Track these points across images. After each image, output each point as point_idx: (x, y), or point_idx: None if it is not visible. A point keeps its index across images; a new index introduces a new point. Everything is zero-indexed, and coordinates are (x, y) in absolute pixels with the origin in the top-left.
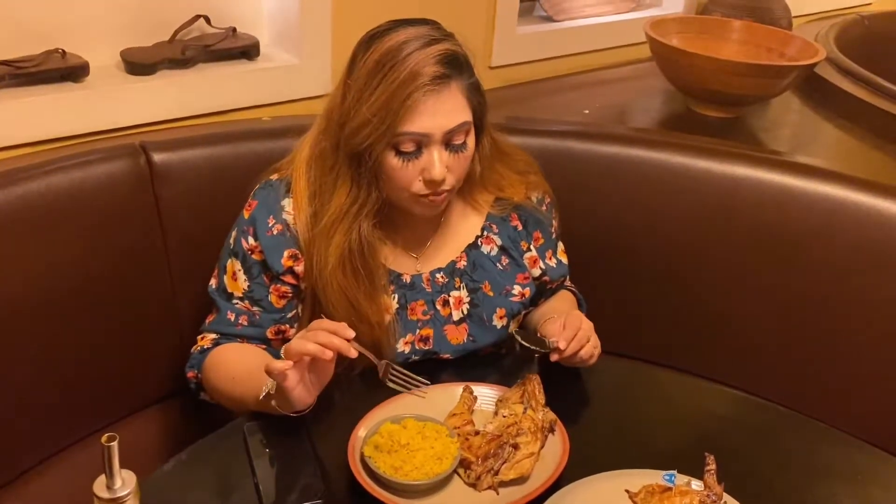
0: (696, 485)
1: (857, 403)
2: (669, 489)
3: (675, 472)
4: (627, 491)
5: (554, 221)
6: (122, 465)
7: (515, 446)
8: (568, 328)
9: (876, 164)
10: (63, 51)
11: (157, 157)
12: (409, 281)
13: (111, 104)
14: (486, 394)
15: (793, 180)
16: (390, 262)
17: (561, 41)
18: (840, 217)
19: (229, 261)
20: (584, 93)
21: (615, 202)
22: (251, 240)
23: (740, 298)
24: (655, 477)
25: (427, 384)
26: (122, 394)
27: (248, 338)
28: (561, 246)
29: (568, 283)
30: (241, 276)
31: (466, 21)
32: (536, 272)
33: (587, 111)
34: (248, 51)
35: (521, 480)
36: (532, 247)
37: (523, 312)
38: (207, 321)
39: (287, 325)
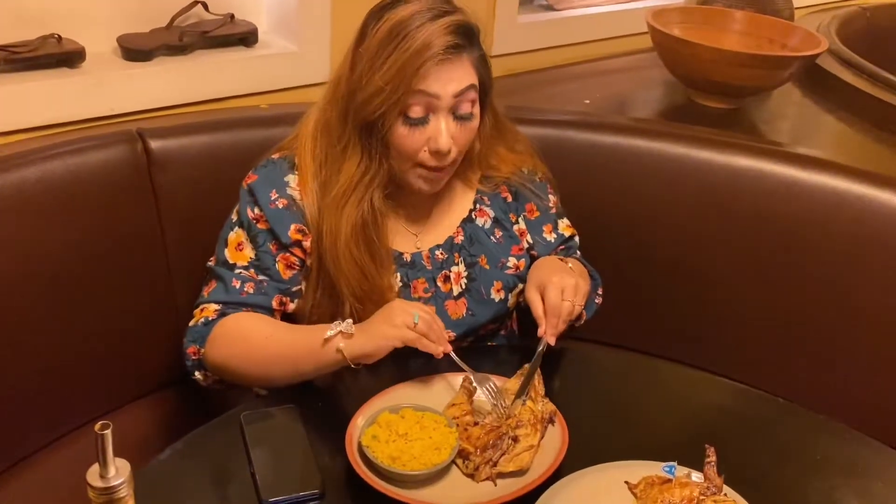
0: (696, 476)
1: (857, 395)
2: (669, 481)
3: (674, 463)
4: (627, 482)
5: (551, 196)
6: (118, 454)
7: (515, 439)
8: (550, 315)
9: (877, 156)
10: (59, 36)
11: (154, 144)
12: (409, 259)
13: (108, 90)
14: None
15: (794, 171)
16: (392, 241)
17: (562, 30)
18: (841, 208)
19: (232, 232)
20: (585, 83)
21: (615, 192)
22: (256, 209)
23: (740, 289)
24: (655, 468)
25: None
26: (118, 382)
27: (253, 306)
28: (565, 221)
29: (578, 255)
30: (248, 246)
31: (467, 9)
32: (525, 244)
33: (588, 101)
34: (247, 37)
35: (519, 473)
36: (521, 219)
37: (521, 286)
38: (206, 293)
39: (289, 298)
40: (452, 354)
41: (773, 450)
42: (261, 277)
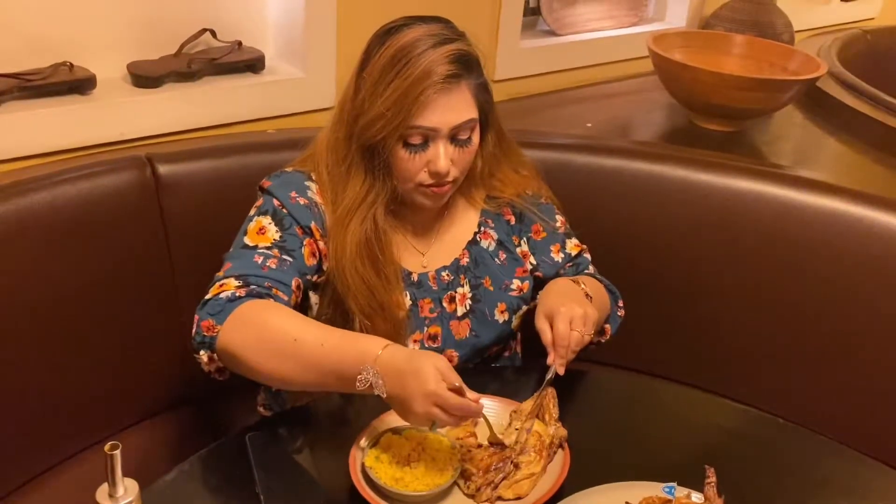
0: (696, 497)
1: (857, 416)
2: (669, 501)
3: (674, 484)
4: (627, 503)
5: (558, 216)
6: (126, 474)
7: (516, 465)
8: (558, 345)
9: (878, 178)
10: (70, 64)
11: (163, 169)
12: (416, 279)
13: (118, 116)
14: (492, 406)
15: (794, 194)
16: (400, 258)
17: (564, 55)
18: (842, 231)
19: (252, 222)
20: (587, 106)
21: (617, 215)
22: (276, 201)
23: (741, 312)
24: (655, 489)
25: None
26: (126, 403)
27: (274, 282)
28: (574, 241)
29: (591, 272)
30: (272, 228)
31: (470, 34)
32: (529, 266)
33: (590, 124)
34: (254, 64)
35: (518, 499)
36: (525, 241)
37: (525, 308)
38: (223, 270)
39: (304, 287)
40: (484, 417)
41: (773, 470)
42: (284, 257)
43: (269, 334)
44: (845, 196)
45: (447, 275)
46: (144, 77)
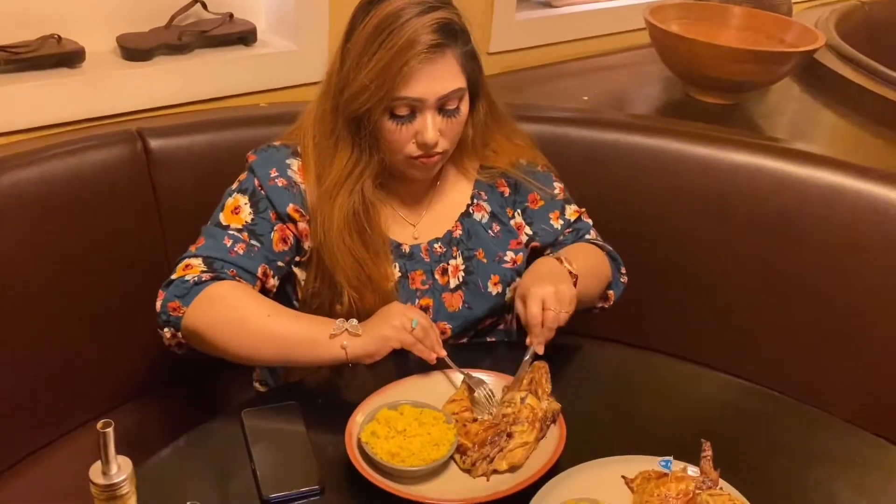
0: (693, 471)
1: (853, 390)
2: (665, 475)
3: (671, 458)
4: (624, 477)
5: (556, 184)
6: (121, 450)
7: (510, 435)
8: (531, 326)
9: (875, 151)
10: (59, 36)
11: (154, 144)
12: (407, 251)
13: (107, 90)
14: (486, 382)
15: (792, 167)
16: (389, 230)
17: (560, 27)
18: (839, 203)
19: (230, 198)
20: (583, 79)
21: (613, 189)
22: (257, 180)
23: (737, 284)
24: (652, 463)
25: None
26: (120, 380)
27: (239, 268)
28: (573, 206)
29: (593, 236)
30: (246, 209)
31: (465, 7)
32: (523, 238)
33: (586, 98)
34: (245, 36)
35: (513, 469)
36: (519, 213)
37: (518, 281)
38: (193, 248)
39: (272, 273)
40: (447, 359)
41: (769, 443)
42: (253, 242)
43: (236, 312)
44: (843, 169)
45: (439, 247)
46: (134, 50)
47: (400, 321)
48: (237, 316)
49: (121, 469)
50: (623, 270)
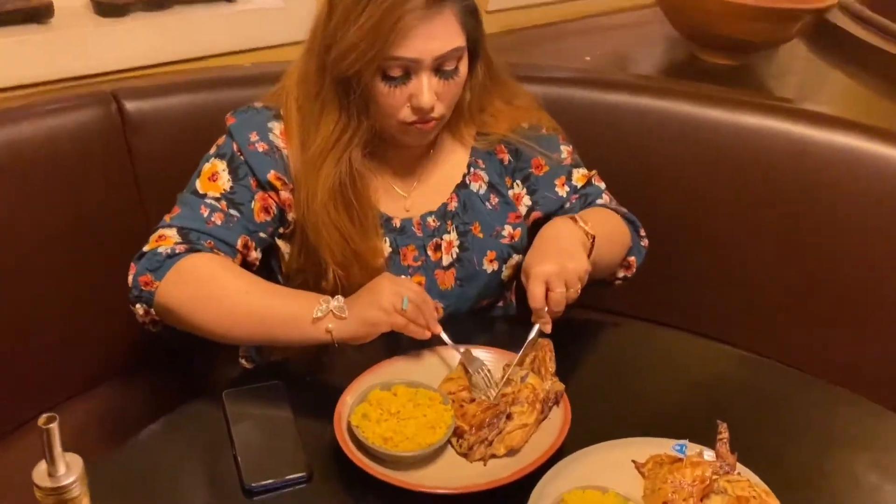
0: (708, 455)
1: (871, 364)
2: (680, 460)
3: (686, 442)
4: (634, 461)
5: (564, 147)
6: (99, 430)
7: (509, 416)
8: (535, 309)
9: (887, 112)
10: None
11: (130, 106)
12: (398, 225)
13: (79, 48)
14: (486, 358)
15: (802, 129)
16: (379, 203)
17: None
18: (851, 166)
19: (208, 164)
20: (586, 39)
21: (617, 152)
22: (236, 145)
23: (747, 252)
24: (664, 446)
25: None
26: (96, 359)
27: (217, 240)
28: (581, 171)
29: (605, 201)
30: (224, 176)
31: None
32: (522, 210)
33: (589, 58)
34: None
35: (512, 453)
36: (518, 184)
37: (517, 258)
38: (167, 218)
39: (254, 244)
40: (443, 335)
41: (787, 423)
42: (231, 212)
43: (212, 287)
44: (854, 130)
45: (433, 220)
46: (108, 4)
47: (389, 301)
48: (213, 291)
49: (69, 469)
50: (643, 233)
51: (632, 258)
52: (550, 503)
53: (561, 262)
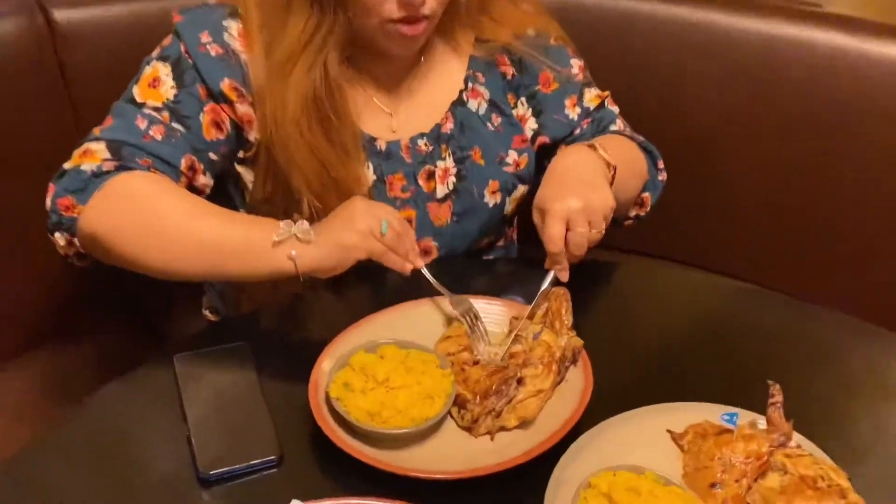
0: (761, 423)
1: None
2: (728, 431)
3: (737, 411)
4: (670, 432)
5: (574, 61)
6: (48, 388)
7: (520, 381)
8: (552, 253)
9: None
10: None
11: (59, 15)
12: (384, 148)
13: None
14: (489, 310)
15: (841, 38)
16: (361, 120)
17: None
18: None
19: (149, 67)
20: None
21: (627, 66)
22: (184, 46)
23: (774, 178)
24: (703, 413)
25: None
26: (35, 311)
27: (155, 158)
28: (594, 90)
29: (619, 127)
30: (168, 82)
31: None
32: (529, 133)
33: None
34: None
35: (525, 425)
36: (522, 102)
37: (522, 189)
38: (97, 130)
39: (202, 166)
40: (425, 271)
41: (841, 378)
42: (175, 125)
43: (148, 211)
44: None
45: (425, 144)
46: None
47: (366, 223)
48: (149, 216)
49: None
50: (661, 166)
51: (646, 195)
52: (575, 488)
53: (585, 195)
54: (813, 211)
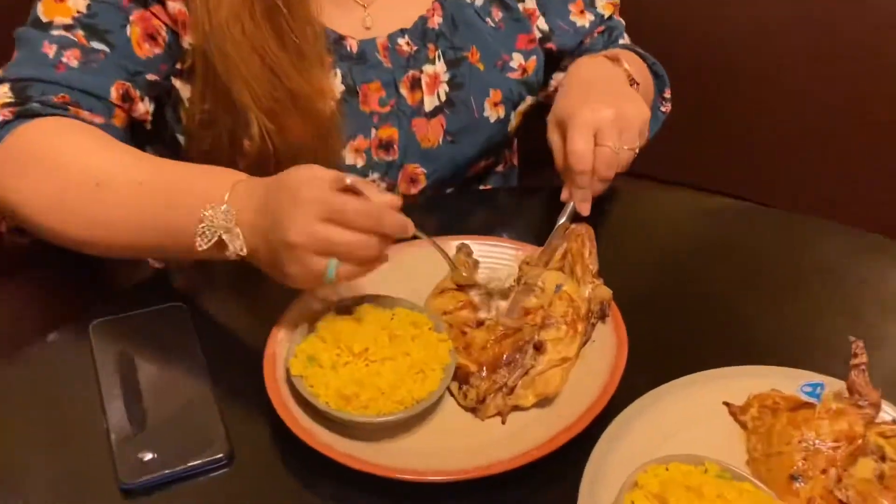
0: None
1: None
2: (808, 406)
3: (822, 381)
4: (727, 404)
5: None
6: None
7: (539, 346)
8: (576, 172)
9: None
10: None
11: None
12: (355, 49)
13: None
14: (494, 254)
15: None
16: (324, 14)
17: None
18: None
19: None
20: None
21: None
22: None
23: (804, 106)
24: (773, 379)
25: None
26: None
27: (74, 91)
28: None
29: (628, 41)
30: None
31: None
32: (537, 33)
33: None
34: None
35: (544, 403)
36: None
37: (530, 101)
38: (1, 70)
39: (139, 93)
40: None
41: None
42: (95, 45)
43: (55, 176)
44: None
45: (407, 43)
46: None
47: (298, 267)
48: (56, 182)
49: None
50: (667, 95)
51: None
52: (617, 489)
53: (616, 104)
54: (843, 142)
